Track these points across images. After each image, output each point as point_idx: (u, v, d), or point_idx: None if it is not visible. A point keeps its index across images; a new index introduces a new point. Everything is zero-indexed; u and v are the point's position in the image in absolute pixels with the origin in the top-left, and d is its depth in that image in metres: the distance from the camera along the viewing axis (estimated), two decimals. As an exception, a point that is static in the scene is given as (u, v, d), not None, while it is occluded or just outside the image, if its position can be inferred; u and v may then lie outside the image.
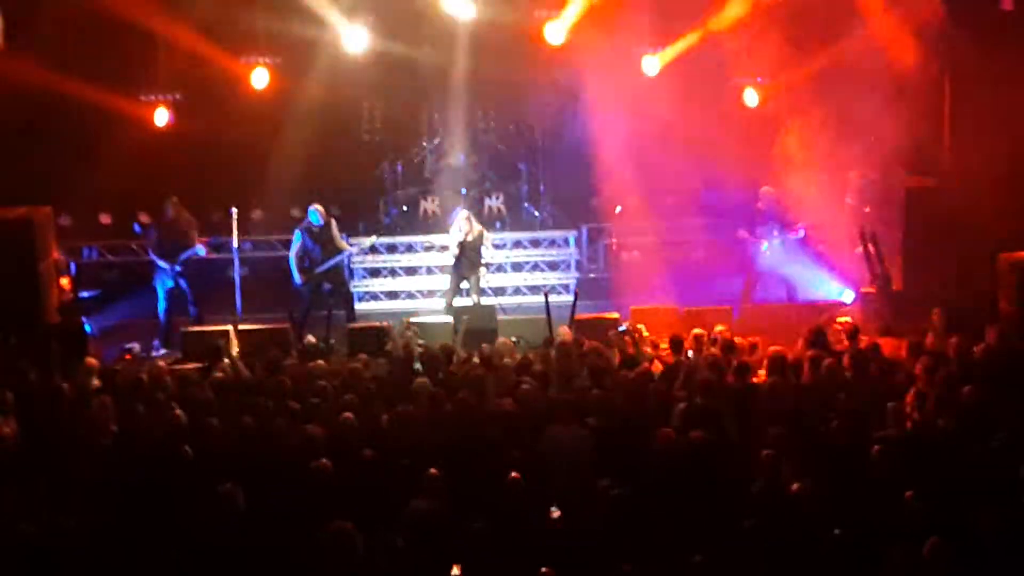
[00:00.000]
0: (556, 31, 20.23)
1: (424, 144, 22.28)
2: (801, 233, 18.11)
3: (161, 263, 17.59)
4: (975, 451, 10.25)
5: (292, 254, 17.96)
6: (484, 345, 14.49)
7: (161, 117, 20.17)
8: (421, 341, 15.22)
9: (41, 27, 18.72)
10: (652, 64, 20.46)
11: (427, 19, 21.09)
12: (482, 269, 18.57)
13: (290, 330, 16.78)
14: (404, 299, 20.41)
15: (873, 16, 18.13)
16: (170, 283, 17.64)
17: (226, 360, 14.21)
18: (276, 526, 9.30)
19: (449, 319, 16.95)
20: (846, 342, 13.91)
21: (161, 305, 17.75)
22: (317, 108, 20.68)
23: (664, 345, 14.39)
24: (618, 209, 20.86)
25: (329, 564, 8.56)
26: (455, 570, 8.77)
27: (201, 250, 17.64)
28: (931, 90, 17.85)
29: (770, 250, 18.08)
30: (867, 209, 18.69)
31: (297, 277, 17.87)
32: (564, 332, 15.13)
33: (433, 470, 9.91)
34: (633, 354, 13.84)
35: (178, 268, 17.54)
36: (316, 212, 17.95)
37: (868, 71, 18.22)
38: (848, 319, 16.28)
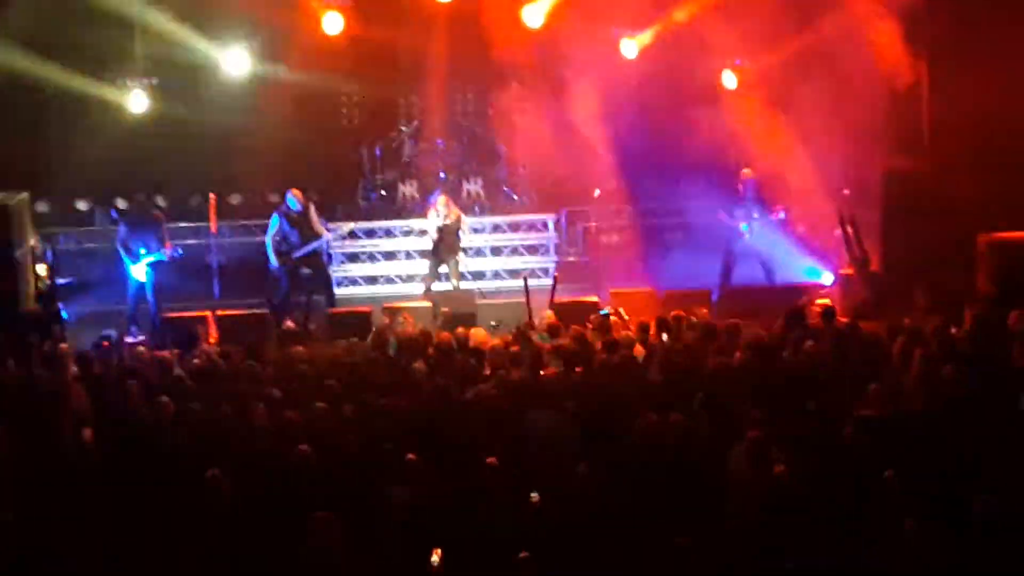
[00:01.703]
0: (534, 14, 20.19)
1: (402, 128, 22.23)
2: (781, 215, 18.12)
3: (127, 258, 17.39)
4: (955, 430, 10.28)
5: (269, 237, 17.89)
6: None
7: (138, 102, 20.05)
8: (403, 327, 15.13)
9: (16, 11, 18.58)
10: (630, 47, 20.43)
11: (405, 2, 21.03)
12: (461, 253, 18.54)
13: (269, 316, 16.74)
14: (383, 284, 20.38)
15: (853, -1, 18.15)
16: (134, 280, 17.42)
17: (204, 346, 14.17)
18: (257, 514, 9.28)
19: (428, 304, 16.93)
20: (824, 323, 13.91)
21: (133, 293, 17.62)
22: (295, 92, 20.63)
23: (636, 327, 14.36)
24: (597, 192, 20.84)
25: (309, 552, 8.56)
26: (435, 555, 8.75)
27: (164, 255, 17.34)
28: (910, 71, 17.86)
29: (750, 232, 18.09)
30: (846, 191, 18.72)
31: (273, 260, 17.81)
32: (547, 315, 15.14)
33: (412, 456, 9.88)
34: (615, 338, 13.80)
35: (143, 266, 17.25)
36: (294, 197, 17.88)
37: (847, 52, 18.20)
38: (827, 301, 16.32)
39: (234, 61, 20.15)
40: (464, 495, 9.47)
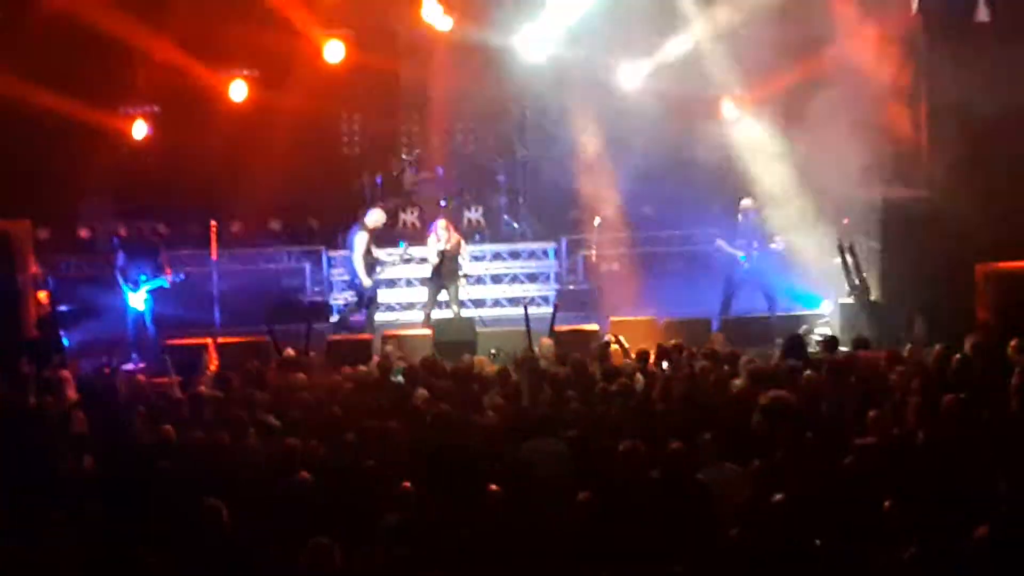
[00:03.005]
0: (535, 44, 20.29)
1: (403, 156, 22.28)
2: (780, 245, 18.15)
3: (125, 286, 17.42)
4: (955, 459, 10.28)
5: (358, 255, 17.98)
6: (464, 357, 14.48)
7: (139, 130, 20.14)
8: (399, 355, 15.15)
9: (18, 40, 18.67)
10: (631, 76, 20.53)
11: (406, 31, 21.16)
12: (461, 280, 18.57)
13: (270, 343, 16.74)
14: (383, 311, 20.37)
15: (850, 28, 18.22)
16: (133, 309, 17.45)
17: (207, 373, 14.19)
18: (256, 541, 9.27)
19: (428, 331, 16.94)
20: (824, 353, 13.93)
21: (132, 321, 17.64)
22: (296, 121, 20.68)
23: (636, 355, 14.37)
24: (597, 221, 20.88)
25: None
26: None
27: (165, 281, 17.39)
28: (908, 101, 17.94)
29: (749, 261, 18.12)
30: (845, 220, 18.75)
31: (365, 279, 17.92)
32: (546, 344, 15.14)
33: (406, 483, 9.87)
34: (615, 366, 13.81)
35: (143, 294, 17.30)
36: (380, 212, 18.04)
37: (845, 83, 18.29)
38: (827, 330, 16.34)
39: (235, 89, 20.25)
40: (464, 522, 9.47)
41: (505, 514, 9.62)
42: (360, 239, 18.01)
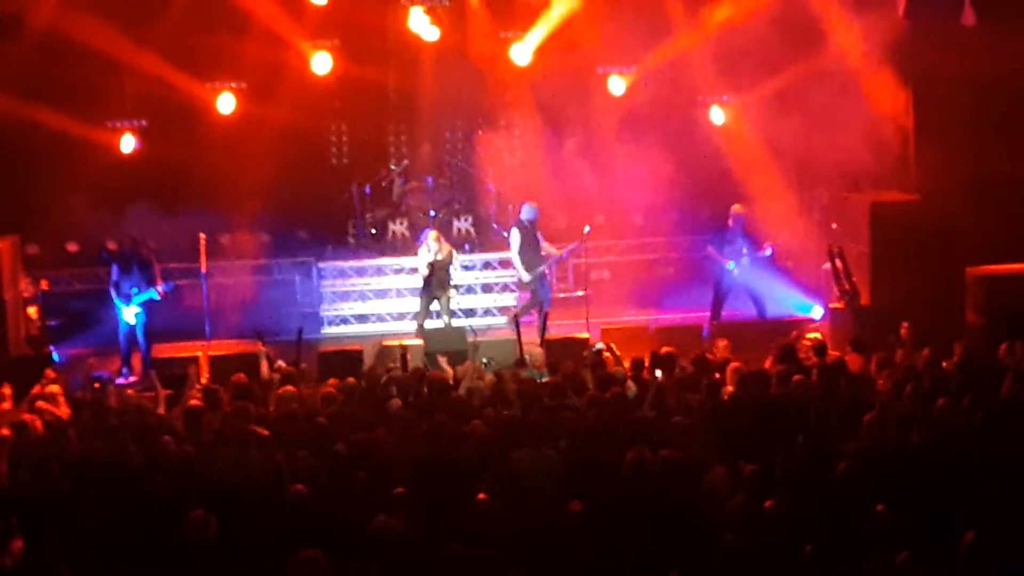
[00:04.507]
0: (522, 52, 20.32)
1: (392, 167, 22.25)
2: (768, 251, 18.17)
3: (118, 300, 17.39)
4: (946, 464, 10.29)
5: (515, 251, 18.33)
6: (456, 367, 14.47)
7: (127, 143, 20.11)
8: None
9: (5, 54, 18.63)
10: (618, 83, 20.55)
11: (393, 42, 21.18)
12: (452, 290, 18.57)
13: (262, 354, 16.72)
14: (374, 322, 20.35)
15: (837, 33, 18.25)
16: (125, 322, 17.42)
17: (197, 386, 14.14)
18: (246, 555, 9.25)
19: (420, 341, 16.92)
20: (815, 358, 13.93)
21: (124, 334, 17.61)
22: (284, 132, 20.64)
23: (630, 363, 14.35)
24: (587, 229, 20.89)
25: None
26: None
27: (155, 293, 17.35)
28: (896, 106, 17.97)
29: (739, 268, 18.14)
30: (834, 225, 18.78)
31: (525, 275, 18.25)
32: (537, 352, 15.13)
33: (401, 489, 9.87)
34: (608, 374, 13.78)
35: (135, 307, 17.27)
36: (535, 208, 18.38)
37: (833, 88, 18.33)
38: (817, 335, 16.35)
39: (222, 102, 20.23)
40: (454, 530, 9.45)
41: (495, 523, 9.61)
42: (514, 235, 18.38)
